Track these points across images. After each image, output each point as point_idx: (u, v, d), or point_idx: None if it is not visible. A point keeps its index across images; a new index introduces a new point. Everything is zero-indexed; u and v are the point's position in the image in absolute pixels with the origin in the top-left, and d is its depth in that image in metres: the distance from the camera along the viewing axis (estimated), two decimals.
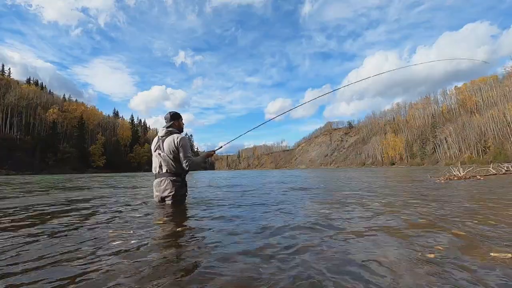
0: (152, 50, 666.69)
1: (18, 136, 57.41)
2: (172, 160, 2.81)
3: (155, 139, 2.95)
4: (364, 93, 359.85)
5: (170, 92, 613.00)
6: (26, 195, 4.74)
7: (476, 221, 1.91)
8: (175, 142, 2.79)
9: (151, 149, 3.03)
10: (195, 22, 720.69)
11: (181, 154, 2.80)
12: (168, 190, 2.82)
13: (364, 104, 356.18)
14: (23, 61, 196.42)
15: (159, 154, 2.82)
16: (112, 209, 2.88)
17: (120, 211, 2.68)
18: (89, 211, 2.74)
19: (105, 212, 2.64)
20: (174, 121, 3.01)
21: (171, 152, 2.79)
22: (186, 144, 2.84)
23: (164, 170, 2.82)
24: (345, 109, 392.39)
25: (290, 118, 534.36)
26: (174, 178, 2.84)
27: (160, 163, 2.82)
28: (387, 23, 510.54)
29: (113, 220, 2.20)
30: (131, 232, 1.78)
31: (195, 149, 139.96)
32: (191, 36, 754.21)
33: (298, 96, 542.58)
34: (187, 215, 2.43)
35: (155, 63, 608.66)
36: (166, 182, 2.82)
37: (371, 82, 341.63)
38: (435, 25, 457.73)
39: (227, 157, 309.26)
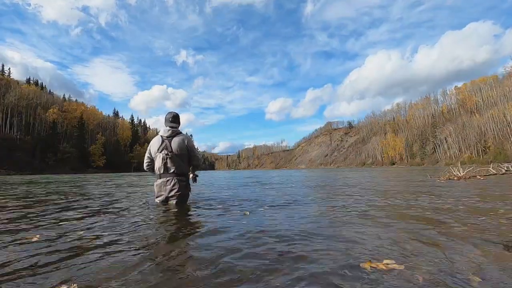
0: (153, 49, 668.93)
1: (18, 136, 57.37)
2: (180, 160, 2.85)
3: (157, 140, 2.91)
4: (365, 92, 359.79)
5: (171, 92, 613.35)
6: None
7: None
8: (186, 142, 2.90)
9: (150, 150, 2.98)
10: (196, 21, 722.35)
11: (192, 154, 2.97)
12: (175, 190, 2.83)
13: (364, 104, 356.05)
14: (24, 61, 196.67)
15: (167, 154, 2.81)
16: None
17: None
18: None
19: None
20: (177, 122, 3.04)
21: (181, 152, 2.84)
22: (193, 144, 3.03)
23: (171, 171, 2.83)
24: (346, 109, 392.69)
25: (290, 118, 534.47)
26: (180, 178, 2.88)
27: (166, 163, 2.81)
28: (389, 22, 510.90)
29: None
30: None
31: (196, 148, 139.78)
32: (192, 35, 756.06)
33: (299, 96, 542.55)
34: (190, 215, 2.44)
35: (156, 62, 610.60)
36: (173, 182, 2.83)
37: (372, 82, 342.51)
38: (438, 24, 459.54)
39: (227, 157, 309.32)
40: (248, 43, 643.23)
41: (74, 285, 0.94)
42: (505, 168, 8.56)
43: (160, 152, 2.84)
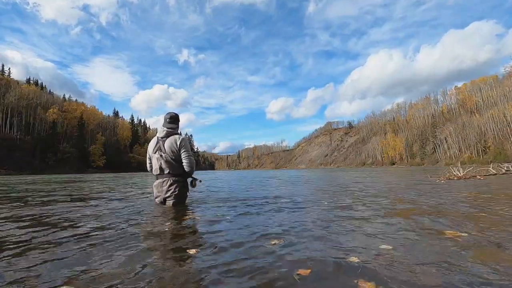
0: (154, 48, 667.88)
1: (18, 136, 57.33)
2: (174, 161, 2.81)
3: (154, 140, 2.89)
4: (366, 92, 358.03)
5: (172, 92, 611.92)
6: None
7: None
8: (177, 143, 2.81)
9: (148, 151, 2.97)
10: (198, 21, 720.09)
11: (182, 154, 2.83)
12: (171, 191, 2.81)
13: (366, 103, 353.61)
14: (24, 60, 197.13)
15: (161, 155, 2.78)
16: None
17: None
18: None
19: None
20: (176, 123, 2.98)
21: (173, 152, 2.79)
22: (187, 144, 2.89)
23: (166, 172, 2.81)
24: (347, 108, 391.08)
25: (290, 118, 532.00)
26: (176, 178, 2.84)
27: (161, 164, 2.79)
28: (392, 21, 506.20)
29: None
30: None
31: (195, 149, 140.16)
32: (193, 34, 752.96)
33: (300, 95, 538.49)
34: (187, 215, 2.43)
35: (157, 62, 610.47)
36: (169, 183, 2.81)
37: (373, 81, 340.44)
38: (441, 23, 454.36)
39: (227, 157, 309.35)
40: (250, 42, 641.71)
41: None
42: (505, 168, 8.56)
43: (155, 153, 2.83)
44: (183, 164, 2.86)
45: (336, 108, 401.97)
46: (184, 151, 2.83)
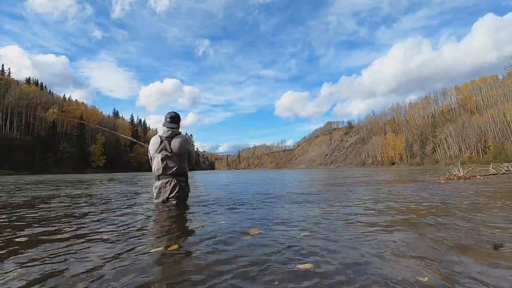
0: (165, 39, 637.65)
1: (18, 136, 57.33)
2: (181, 161, 2.84)
3: (155, 140, 2.84)
4: (377, 90, 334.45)
5: (183, 88, 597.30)
6: None
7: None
8: (186, 143, 2.88)
9: (149, 151, 2.90)
10: (216, 4, 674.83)
11: (191, 154, 2.98)
12: (175, 191, 2.81)
13: (377, 101, 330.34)
14: (28, 53, 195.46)
15: (166, 155, 2.75)
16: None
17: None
18: None
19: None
20: (177, 122, 2.98)
21: (181, 152, 2.81)
22: (192, 144, 3.09)
23: (170, 172, 2.79)
24: (357, 107, 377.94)
25: (301, 116, 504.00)
26: (180, 178, 2.86)
27: (166, 164, 2.76)
28: (429, 6, 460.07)
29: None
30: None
31: (196, 149, 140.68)
32: (210, 21, 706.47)
33: (314, 91, 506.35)
34: (190, 214, 2.43)
35: (167, 55, 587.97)
36: (173, 183, 2.80)
37: (387, 79, 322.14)
38: (482, 9, 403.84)
39: (227, 157, 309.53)
40: (268, 30, 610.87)
41: None
42: (505, 168, 8.56)
43: (159, 152, 2.77)
44: (191, 164, 3.05)
45: (348, 105, 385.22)
46: (191, 152, 3.00)
